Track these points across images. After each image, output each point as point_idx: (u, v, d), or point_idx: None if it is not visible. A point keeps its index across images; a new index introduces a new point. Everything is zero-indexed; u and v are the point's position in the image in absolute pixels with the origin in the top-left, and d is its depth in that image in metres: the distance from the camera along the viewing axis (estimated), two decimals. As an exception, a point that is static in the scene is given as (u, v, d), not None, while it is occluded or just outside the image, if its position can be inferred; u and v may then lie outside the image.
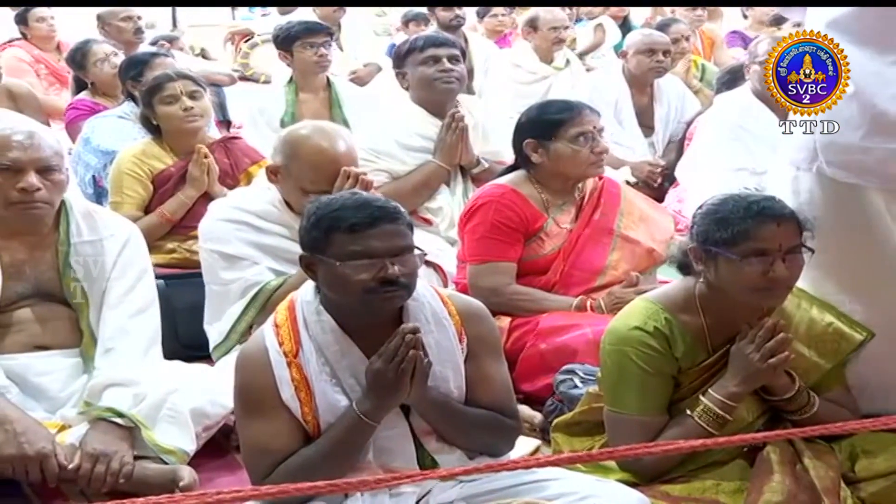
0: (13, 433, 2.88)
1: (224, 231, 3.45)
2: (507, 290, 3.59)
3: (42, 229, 3.23)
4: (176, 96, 4.33)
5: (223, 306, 3.48)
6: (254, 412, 2.51)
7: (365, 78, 7.55)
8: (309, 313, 2.54)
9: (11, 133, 3.19)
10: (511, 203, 3.65)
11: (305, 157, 3.37)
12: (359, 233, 2.44)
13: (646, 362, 2.64)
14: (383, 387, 2.44)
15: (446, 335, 2.58)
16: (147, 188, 4.35)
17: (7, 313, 3.19)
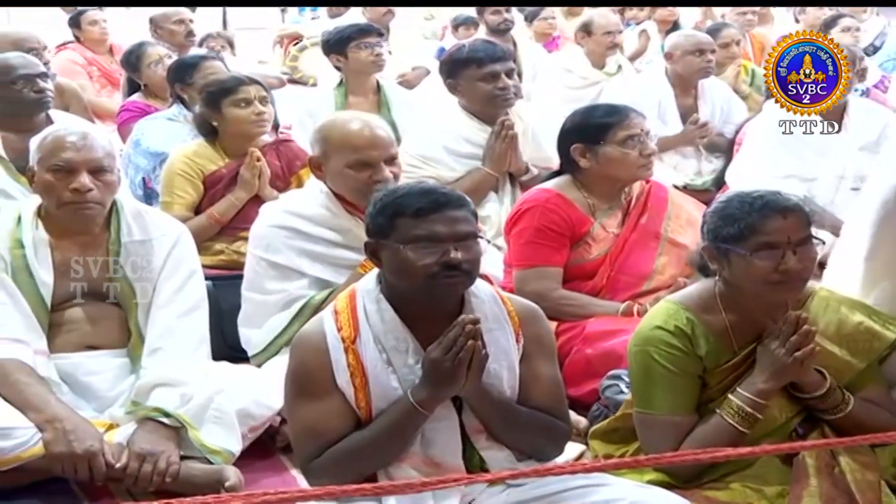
0: (63, 431, 2.92)
1: (275, 239, 3.45)
2: (554, 294, 3.57)
3: (94, 229, 3.27)
4: (249, 100, 4.31)
5: (261, 314, 3.48)
6: (307, 395, 2.53)
7: (413, 81, 7.56)
8: (369, 301, 2.57)
9: (65, 134, 3.24)
10: (556, 207, 3.64)
11: (337, 133, 3.43)
12: (423, 217, 2.48)
13: (669, 361, 2.64)
14: (439, 376, 2.46)
15: (504, 334, 2.60)
16: (198, 189, 4.36)
17: (59, 312, 3.23)
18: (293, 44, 9.46)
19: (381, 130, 3.45)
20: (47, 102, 4.66)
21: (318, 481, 2.49)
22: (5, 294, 3.15)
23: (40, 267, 3.20)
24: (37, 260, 3.20)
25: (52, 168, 3.19)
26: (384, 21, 8.26)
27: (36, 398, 2.99)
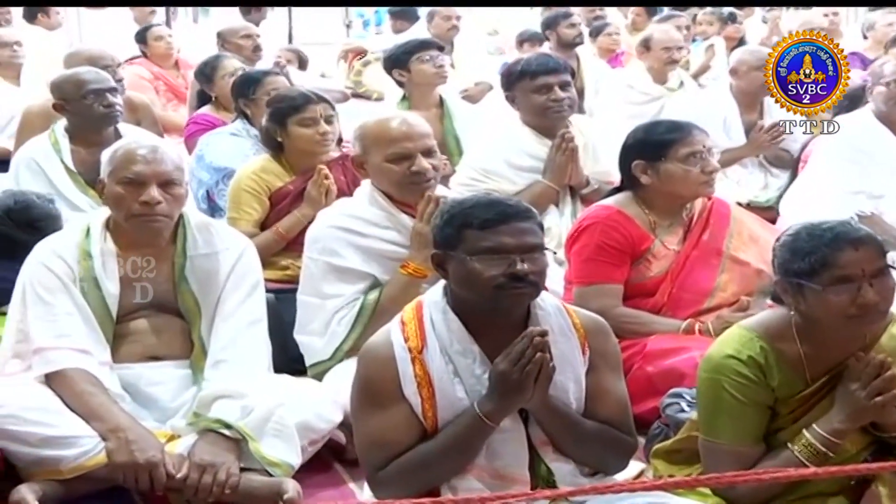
0: (125, 441, 2.95)
1: (331, 240, 3.48)
2: (615, 312, 3.55)
3: (160, 241, 3.30)
4: (315, 119, 4.31)
5: (317, 320, 3.49)
6: (374, 405, 2.55)
7: (476, 96, 7.57)
8: (436, 312, 2.58)
9: (136, 147, 3.29)
10: (617, 224, 3.62)
11: (374, 129, 3.51)
12: (490, 229, 2.49)
13: (740, 392, 2.59)
14: (507, 388, 2.46)
15: (570, 347, 2.60)
16: (264, 205, 4.37)
17: (124, 323, 3.27)
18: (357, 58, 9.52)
19: (417, 123, 3.51)
20: (116, 117, 4.75)
21: (384, 492, 2.52)
22: (72, 305, 3.19)
23: (107, 278, 3.24)
24: (104, 271, 3.24)
25: (122, 180, 3.22)
26: (448, 36, 8.29)
27: (100, 408, 3.03)
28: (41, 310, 3.18)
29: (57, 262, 3.23)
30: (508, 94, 4.58)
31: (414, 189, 3.43)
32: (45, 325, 3.16)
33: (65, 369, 3.10)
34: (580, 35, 7.80)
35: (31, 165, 4.77)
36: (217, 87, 5.97)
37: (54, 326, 3.16)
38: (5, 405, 2.98)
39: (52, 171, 4.74)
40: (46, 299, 3.18)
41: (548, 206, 4.46)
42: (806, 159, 5.57)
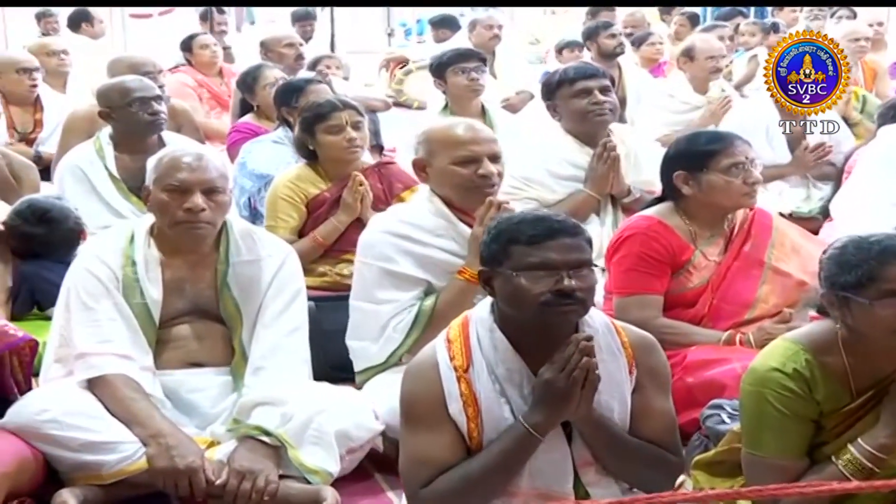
0: (165, 447, 2.97)
1: (386, 245, 3.45)
2: (655, 323, 3.52)
3: (203, 248, 3.33)
4: (341, 126, 4.34)
5: (372, 325, 3.47)
6: (418, 423, 2.54)
7: (517, 105, 7.58)
8: (482, 330, 2.57)
9: (181, 155, 3.31)
10: (657, 235, 3.60)
11: (441, 132, 3.49)
12: (537, 244, 2.47)
13: (784, 405, 2.55)
14: (553, 397, 2.44)
15: (617, 366, 2.58)
16: (301, 213, 4.40)
17: (166, 329, 3.29)
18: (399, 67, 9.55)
19: (483, 129, 3.50)
20: (160, 124, 4.80)
21: None
22: (115, 311, 3.22)
23: (150, 284, 3.27)
24: (147, 278, 3.27)
25: (167, 187, 3.25)
26: (490, 46, 8.31)
27: (141, 413, 3.05)
28: (84, 315, 3.21)
29: (101, 268, 3.26)
30: (549, 104, 4.57)
31: (478, 193, 3.40)
32: (89, 330, 3.19)
33: (107, 375, 3.12)
34: (621, 45, 7.79)
35: (76, 172, 4.82)
36: (259, 97, 6.01)
37: (97, 332, 3.19)
38: (48, 410, 3.00)
39: (96, 178, 4.79)
40: (90, 305, 3.21)
41: (588, 216, 4.45)
42: (850, 171, 5.52)
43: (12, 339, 3.10)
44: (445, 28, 10.11)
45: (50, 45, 7.42)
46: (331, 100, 4.53)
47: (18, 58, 6.67)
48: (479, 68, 5.60)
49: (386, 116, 7.39)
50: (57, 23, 10.33)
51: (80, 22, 10.00)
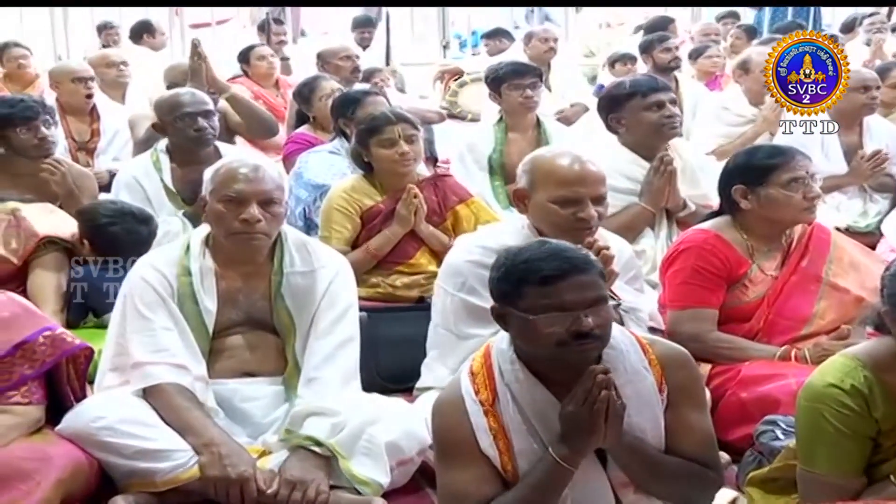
0: (218, 456, 2.99)
1: (474, 278, 3.34)
2: (709, 336, 3.51)
3: (258, 259, 3.35)
4: (394, 140, 4.35)
5: (450, 352, 3.42)
6: (451, 459, 2.52)
7: (572, 118, 7.55)
8: (504, 362, 2.53)
9: (238, 166, 3.33)
10: (714, 248, 3.57)
11: (546, 166, 3.35)
12: (550, 285, 2.41)
13: (841, 422, 2.51)
14: (578, 430, 2.41)
15: (645, 385, 2.54)
16: (355, 224, 4.41)
17: (220, 339, 3.32)
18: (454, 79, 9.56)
19: (592, 167, 3.34)
20: (207, 139, 4.85)
21: None
22: (170, 320, 3.25)
23: (205, 294, 3.29)
24: (202, 288, 3.29)
25: (223, 198, 3.27)
26: (545, 58, 8.30)
27: (195, 422, 3.07)
28: (140, 324, 3.24)
29: (156, 277, 3.29)
30: (613, 117, 4.51)
31: (575, 235, 3.20)
32: (144, 339, 3.22)
33: (162, 384, 3.15)
34: (676, 59, 7.74)
35: (131, 183, 4.87)
36: (315, 108, 6.04)
37: (153, 341, 3.22)
38: (103, 417, 3.03)
39: (152, 189, 4.84)
40: (145, 314, 3.24)
41: (643, 229, 4.43)
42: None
43: (69, 346, 3.13)
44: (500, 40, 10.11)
45: (110, 57, 7.51)
46: (385, 113, 4.52)
47: (74, 67, 6.75)
48: (535, 84, 5.58)
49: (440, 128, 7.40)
50: (118, 34, 10.45)
51: (142, 33, 10.12)
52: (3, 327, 3.05)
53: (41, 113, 4.77)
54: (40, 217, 4.18)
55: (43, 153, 4.77)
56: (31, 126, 4.71)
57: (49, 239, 4.13)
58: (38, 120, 4.74)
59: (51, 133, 4.80)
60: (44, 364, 3.08)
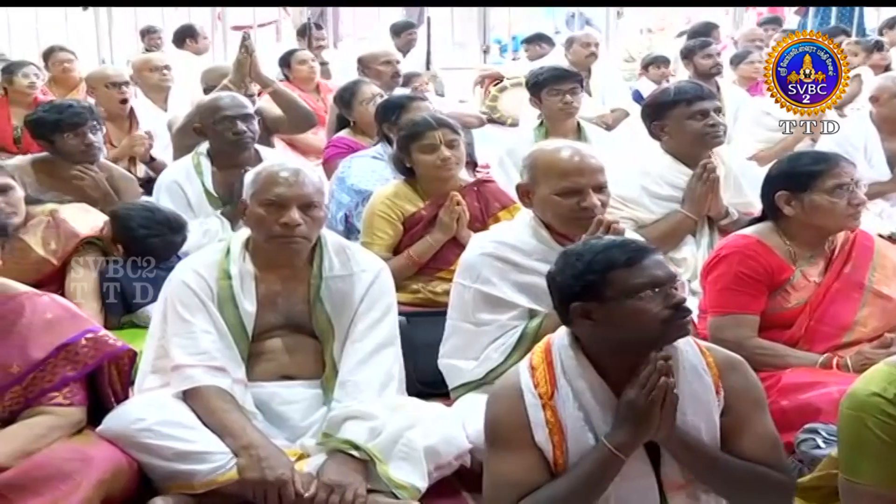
0: (257, 458, 3.00)
1: (485, 269, 3.41)
2: (749, 343, 3.47)
3: (298, 262, 3.36)
4: (435, 146, 4.34)
5: (472, 345, 3.45)
6: (503, 446, 2.54)
7: (612, 123, 7.54)
8: (566, 357, 2.56)
9: (279, 170, 3.34)
10: (756, 254, 3.55)
11: (546, 159, 3.43)
12: (636, 265, 2.47)
13: (885, 431, 2.48)
14: (634, 416, 2.44)
15: (703, 386, 2.55)
16: (397, 230, 4.41)
17: (259, 342, 3.33)
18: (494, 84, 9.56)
19: (590, 157, 3.41)
20: (246, 143, 4.88)
21: None
22: (210, 323, 3.27)
23: (245, 298, 3.31)
24: (242, 291, 3.31)
25: (264, 202, 3.28)
26: (586, 63, 8.28)
27: (234, 424, 3.09)
28: (180, 327, 3.26)
29: (197, 281, 3.31)
30: (657, 124, 4.47)
31: (580, 223, 3.33)
32: (184, 342, 3.24)
33: (201, 386, 3.17)
34: (717, 65, 7.69)
35: (172, 187, 4.91)
36: (356, 112, 6.05)
37: (193, 344, 3.24)
38: (143, 419, 3.05)
39: (192, 193, 4.88)
40: (185, 317, 3.26)
41: (685, 237, 4.40)
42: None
43: (111, 348, 3.15)
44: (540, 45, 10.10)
45: (152, 61, 7.56)
46: (426, 118, 4.52)
47: (108, 72, 6.81)
48: (575, 90, 5.56)
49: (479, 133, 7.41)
50: (161, 39, 10.54)
51: (185, 38, 10.20)
52: (46, 329, 3.07)
53: (89, 119, 4.83)
54: (77, 217, 4.21)
55: (89, 158, 4.84)
56: (79, 132, 4.79)
57: (88, 239, 4.16)
58: (85, 126, 4.81)
59: (97, 139, 4.87)
60: (86, 366, 3.10)
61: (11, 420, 3.03)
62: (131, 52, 10.76)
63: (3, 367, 3.01)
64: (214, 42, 11.30)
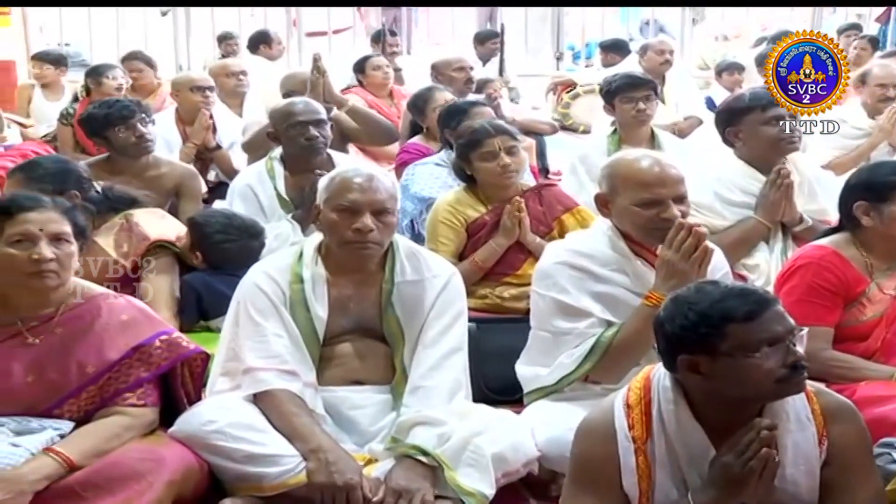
0: (325, 462, 3.01)
1: (564, 278, 3.36)
2: (824, 355, 3.42)
3: (370, 267, 3.37)
4: (494, 153, 4.35)
5: (549, 352, 3.41)
6: (587, 486, 2.49)
7: (686, 130, 7.47)
8: (665, 401, 2.49)
9: (353, 175, 3.36)
10: (831, 265, 3.50)
11: (625, 170, 3.36)
12: (756, 320, 2.36)
13: None
14: (727, 481, 2.35)
15: (805, 436, 2.47)
16: (461, 236, 4.41)
17: (329, 346, 3.34)
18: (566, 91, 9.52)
19: (671, 168, 3.35)
20: (318, 149, 4.92)
21: None
22: (282, 327, 3.29)
23: (317, 302, 3.32)
24: (314, 295, 3.33)
25: (337, 207, 3.30)
26: (660, 71, 8.23)
27: (303, 428, 3.10)
28: (252, 330, 3.28)
29: (269, 284, 3.34)
30: (731, 130, 4.43)
31: (660, 234, 3.26)
32: (256, 345, 3.26)
33: (272, 389, 3.19)
34: None
35: (245, 192, 4.96)
36: (428, 119, 6.06)
37: (264, 347, 3.26)
38: (215, 421, 3.08)
39: (265, 197, 4.93)
40: (257, 320, 3.29)
41: (758, 243, 4.35)
42: None
43: (184, 350, 3.19)
44: (615, 52, 10.05)
45: (229, 67, 7.64)
46: (484, 126, 4.51)
47: (193, 76, 6.94)
48: (648, 97, 5.52)
49: (552, 140, 7.38)
50: (237, 45, 10.65)
51: (259, 44, 10.29)
52: (122, 330, 3.12)
53: (137, 112, 4.96)
54: (151, 221, 4.27)
55: (142, 151, 4.95)
56: (129, 125, 4.92)
57: (160, 243, 4.21)
58: (134, 118, 4.94)
59: (148, 130, 4.98)
60: (159, 367, 3.14)
61: (86, 420, 3.07)
62: (208, 57, 10.90)
63: (80, 368, 3.06)
64: (289, 48, 11.40)
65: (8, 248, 3.03)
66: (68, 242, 3.09)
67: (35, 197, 3.17)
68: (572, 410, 3.11)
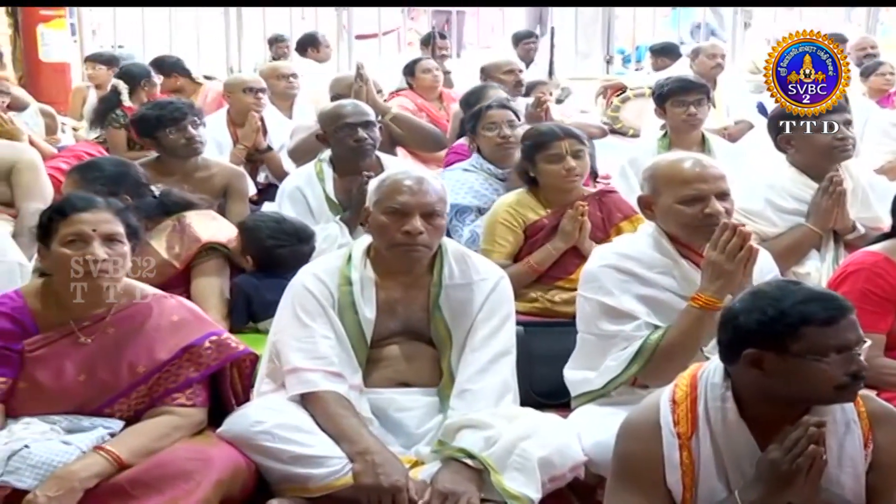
0: (372, 464, 3.01)
1: (610, 281, 3.35)
2: (876, 362, 3.37)
3: (418, 270, 3.37)
4: (560, 155, 4.33)
5: (596, 356, 3.40)
6: (632, 485, 2.48)
7: (736, 135, 7.42)
8: (712, 398, 2.48)
9: (403, 178, 3.37)
10: (883, 271, 3.46)
11: (666, 169, 3.38)
12: (833, 325, 2.35)
13: None
14: (774, 478, 2.34)
15: (851, 438, 2.46)
16: (518, 238, 4.40)
17: (377, 349, 3.35)
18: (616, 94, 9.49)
19: (711, 165, 3.36)
20: (366, 151, 4.93)
21: None
22: (330, 328, 3.30)
23: (365, 304, 3.33)
24: (362, 297, 3.34)
25: (387, 210, 3.31)
26: (712, 75, 8.17)
27: (350, 430, 3.11)
28: (300, 332, 3.30)
29: (318, 286, 3.35)
30: (783, 136, 4.41)
31: (705, 232, 3.24)
32: (303, 346, 3.27)
33: (319, 391, 3.20)
34: None
35: (294, 194, 4.99)
36: (479, 119, 6.06)
37: (312, 348, 3.27)
38: (262, 422, 3.10)
39: (314, 199, 4.94)
40: (305, 321, 3.30)
41: (809, 251, 4.31)
42: None
43: (234, 351, 3.22)
44: (665, 56, 10.01)
45: (280, 69, 7.68)
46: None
47: (246, 78, 6.98)
48: (700, 101, 5.48)
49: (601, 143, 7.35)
50: (287, 47, 10.71)
51: (307, 46, 10.35)
52: (173, 331, 3.15)
53: (188, 114, 5.00)
54: (203, 223, 4.29)
55: (192, 153, 5.00)
56: (180, 126, 4.96)
57: (211, 245, 4.24)
58: (186, 120, 4.98)
59: (198, 133, 5.02)
60: (209, 368, 3.17)
61: (136, 419, 3.11)
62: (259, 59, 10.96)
63: (130, 367, 3.10)
64: (339, 51, 11.44)
65: (62, 248, 3.07)
66: (121, 243, 3.12)
67: (88, 198, 3.21)
68: (619, 415, 3.07)
